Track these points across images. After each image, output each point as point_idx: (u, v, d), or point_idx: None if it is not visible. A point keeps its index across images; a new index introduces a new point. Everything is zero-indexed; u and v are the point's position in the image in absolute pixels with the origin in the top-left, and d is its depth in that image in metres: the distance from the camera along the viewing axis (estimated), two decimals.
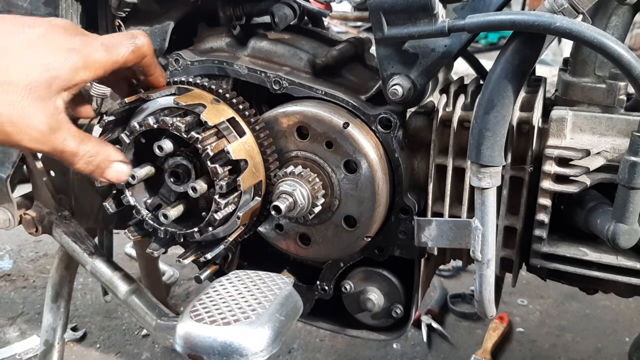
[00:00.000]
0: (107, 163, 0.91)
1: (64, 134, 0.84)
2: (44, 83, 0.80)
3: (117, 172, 0.93)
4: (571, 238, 1.05)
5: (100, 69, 0.87)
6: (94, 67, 0.86)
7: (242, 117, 1.05)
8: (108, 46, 0.88)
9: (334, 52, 1.13)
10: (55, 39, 0.83)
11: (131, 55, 0.90)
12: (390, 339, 1.30)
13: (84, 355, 2.06)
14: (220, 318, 0.84)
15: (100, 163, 0.90)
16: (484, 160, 0.89)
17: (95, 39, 0.88)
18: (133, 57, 0.91)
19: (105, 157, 0.91)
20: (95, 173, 0.91)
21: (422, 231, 1.00)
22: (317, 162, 1.10)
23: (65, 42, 0.84)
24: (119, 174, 0.94)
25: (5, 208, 1.37)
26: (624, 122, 0.97)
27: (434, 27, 0.91)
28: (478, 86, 1.14)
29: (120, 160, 0.94)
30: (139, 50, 0.91)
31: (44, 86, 0.80)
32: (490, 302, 1.01)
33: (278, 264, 1.32)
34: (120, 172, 0.94)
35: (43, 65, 0.80)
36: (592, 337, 2.16)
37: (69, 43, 0.84)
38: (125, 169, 0.95)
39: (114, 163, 0.92)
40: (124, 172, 0.94)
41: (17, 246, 2.75)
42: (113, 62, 0.88)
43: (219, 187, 0.98)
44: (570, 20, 0.81)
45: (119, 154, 0.94)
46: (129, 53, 0.90)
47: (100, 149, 0.90)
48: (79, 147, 0.86)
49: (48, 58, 0.81)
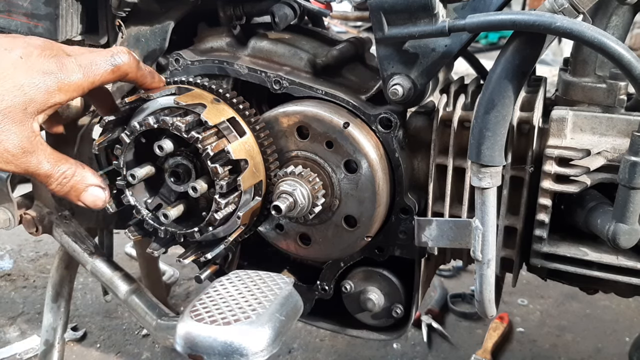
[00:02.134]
0: (82, 186, 0.90)
1: (38, 157, 0.85)
2: (20, 106, 0.81)
3: (93, 197, 0.92)
4: (571, 238, 1.05)
5: (76, 91, 0.87)
6: (70, 90, 0.86)
7: (243, 117, 1.05)
8: (85, 67, 0.87)
9: (335, 52, 1.13)
10: (32, 62, 0.83)
11: (110, 74, 0.90)
12: (390, 338, 1.30)
13: (84, 355, 2.06)
14: (220, 318, 0.84)
15: (75, 185, 0.89)
16: (484, 160, 0.89)
17: (72, 60, 0.87)
18: (112, 76, 0.90)
19: (81, 180, 0.90)
20: (70, 195, 0.90)
21: (422, 231, 1.00)
22: (318, 162, 1.10)
23: (41, 65, 0.84)
24: (95, 199, 0.92)
25: (6, 208, 1.37)
26: (624, 122, 0.97)
27: (434, 27, 0.91)
28: (478, 86, 1.14)
29: (96, 184, 0.92)
30: (119, 69, 0.90)
31: (20, 109, 0.81)
32: (491, 302, 1.01)
33: (278, 264, 1.32)
34: (96, 197, 0.92)
35: (19, 90, 0.81)
36: (592, 337, 2.16)
37: (45, 65, 0.84)
38: (102, 194, 0.93)
39: (89, 187, 0.91)
40: (100, 197, 0.93)
41: (17, 246, 2.75)
42: (90, 83, 0.88)
43: (219, 187, 0.98)
44: (570, 20, 0.81)
45: (95, 178, 0.92)
46: (108, 73, 0.89)
47: (76, 171, 0.89)
48: (54, 169, 0.87)
49: (24, 81, 0.82)
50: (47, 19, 1.16)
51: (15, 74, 0.82)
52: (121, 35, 1.23)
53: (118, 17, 1.20)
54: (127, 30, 1.23)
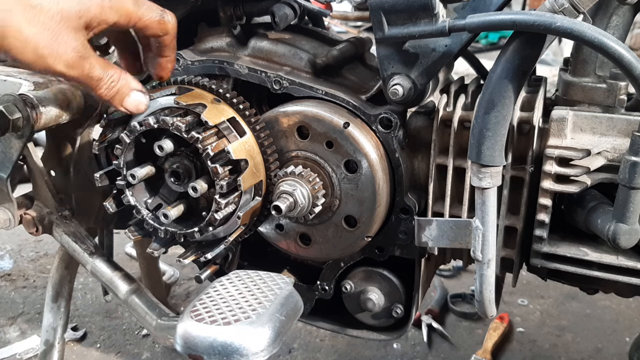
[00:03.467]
0: (127, 90, 0.94)
1: (91, 61, 0.89)
2: (75, 13, 0.84)
3: (135, 102, 0.95)
4: (571, 238, 1.05)
5: (125, 17, 0.89)
6: (121, 13, 0.88)
7: (243, 117, 1.05)
8: (138, 3, 0.91)
9: (335, 52, 1.13)
10: None
11: (156, 24, 0.93)
12: (390, 339, 1.30)
13: (84, 355, 2.06)
14: (220, 318, 0.84)
15: (121, 89, 0.93)
16: (484, 160, 0.88)
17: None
18: (157, 26, 0.93)
19: (126, 84, 0.94)
20: (115, 100, 0.94)
21: (422, 231, 1.00)
22: (318, 162, 1.10)
23: None
24: (137, 104, 0.95)
25: (6, 208, 1.37)
26: (624, 122, 0.97)
27: (434, 27, 0.91)
28: (478, 86, 1.14)
29: (139, 89, 0.95)
30: (164, 24, 0.93)
31: (75, 16, 0.84)
32: (491, 302, 1.01)
33: (278, 264, 1.32)
34: (138, 101, 0.95)
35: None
36: (592, 337, 2.16)
37: None
38: (144, 98, 0.96)
39: (132, 91, 0.94)
40: (142, 102, 0.96)
41: (17, 246, 2.75)
42: (138, 18, 0.91)
43: (220, 187, 0.98)
44: (570, 20, 0.81)
45: (137, 84, 0.96)
46: (155, 20, 0.92)
47: (121, 75, 0.93)
48: (104, 73, 0.90)
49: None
50: None
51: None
52: None
53: None
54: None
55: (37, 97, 1.18)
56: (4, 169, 1.30)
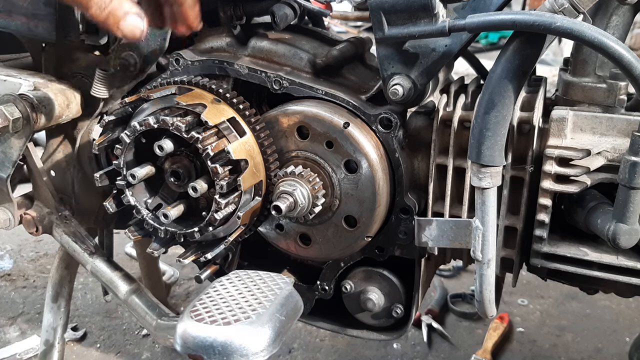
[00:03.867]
0: (121, 12, 0.86)
1: None
2: None
3: (131, 26, 0.87)
4: (571, 238, 1.05)
5: None
6: None
7: (243, 117, 1.05)
8: None
9: (335, 52, 1.13)
10: None
11: None
12: (390, 338, 1.30)
13: (84, 355, 2.06)
14: (220, 318, 0.84)
15: (113, 10, 0.86)
16: (484, 160, 0.88)
17: None
18: None
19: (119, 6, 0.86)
20: (108, 23, 0.87)
21: (422, 231, 1.00)
22: (318, 162, 1.10)
23: None
24: (133, 28, 0.87)
25: (6, 208, 1.37)
26: (624, 122, 0.97)
27: (434, 27, 0.91)
28: (478, 86, 1.14)
29: (134, 12, 0.87)
30: None
31: None
32: (491, 302, 1.01)
33: (278, 264, 1.32)
34: (134, 26, 0.87)
35: None
36: (592, 337, 2.15)
37: None
38: (140, 23, 0.88)
39: (128, 15, 0.87)
40: (138, 26, 0.88)
41: (17, 246, 2.74)
42: None
43: (220, 187, 0.98)
44: (570, 20, 0.81)
45: (134, 7, 0.88)
46: None
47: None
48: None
49: None
50: (47, 19, 1.16)
51: None
52: None
53: None
54: None
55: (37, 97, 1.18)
56: (4, 169, 1.30)
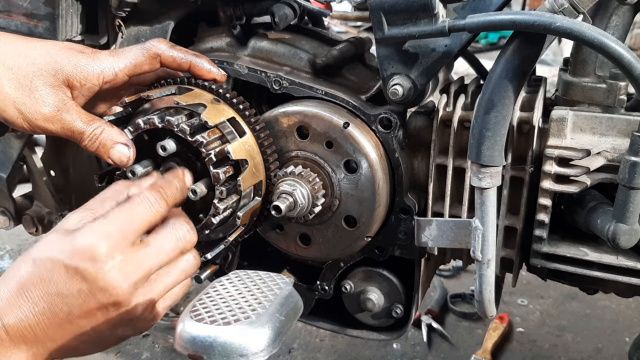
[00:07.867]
0: (110, 143, 0.97)
1: (72, 115, 0.94)
2: (48, 72, 0.92)
3: (119, 154, 0.97)
4: (571, 238, 1.05)
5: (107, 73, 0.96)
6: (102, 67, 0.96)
7: (243, 117, 1.04)
8: (114, 52, 0.99)
9: (334, 52, 1.13)
10: (67, 44, 0.97)
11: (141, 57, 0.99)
12: (390, 339, 1.30)
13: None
14: (220, 318, 0.84)
15: (103, 141, 0.96)
16: (484, 160, 0.88)
17: (104, 52, 0.99)
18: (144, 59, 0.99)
19: (109, 137, 0.97)
20: (99, 152, 0.97)
21: (422, 231, 1.00)
22: (318, 162, 1.10)
23: (75, 46, 0.96)
24: (120, 155, 0.98)
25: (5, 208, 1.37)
26: (624, 122, 0.97)
27: (434, 27, 0.91)
28: (478, 86, 1.14)
29: (122, 142, 0.98)
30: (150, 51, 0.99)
31: (49, 74, 0.92)
32: (491, 302, 1.01)
33: (278, 264, 1.32)
34: (122, 153, 0.98)
35: (50, 57, 0.93)
36: (592, 337, 2.16)
37: (79, 48, 0.96)
38: (127, 152, 0.98)
39: (117, 144, 0.97)
40: (125, 154, 0.98)
41: (17, 246, 2.75)
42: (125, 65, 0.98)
43: (220, 192, 0.98)
44: (570, 20, 0.81)
45: (122, 137, 0.98)
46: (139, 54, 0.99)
47: (104, 129, 0.97)
48: (87, 127, 0.95)
49: (54, 53, 0.94)
50: (47, 19, 1.16)
51: (47, 45, 0.95)
52: (121, 35, 1.23)
53: (118, 17, 1.20)
54: (127, 30, 1.23)
55: None
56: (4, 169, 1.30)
